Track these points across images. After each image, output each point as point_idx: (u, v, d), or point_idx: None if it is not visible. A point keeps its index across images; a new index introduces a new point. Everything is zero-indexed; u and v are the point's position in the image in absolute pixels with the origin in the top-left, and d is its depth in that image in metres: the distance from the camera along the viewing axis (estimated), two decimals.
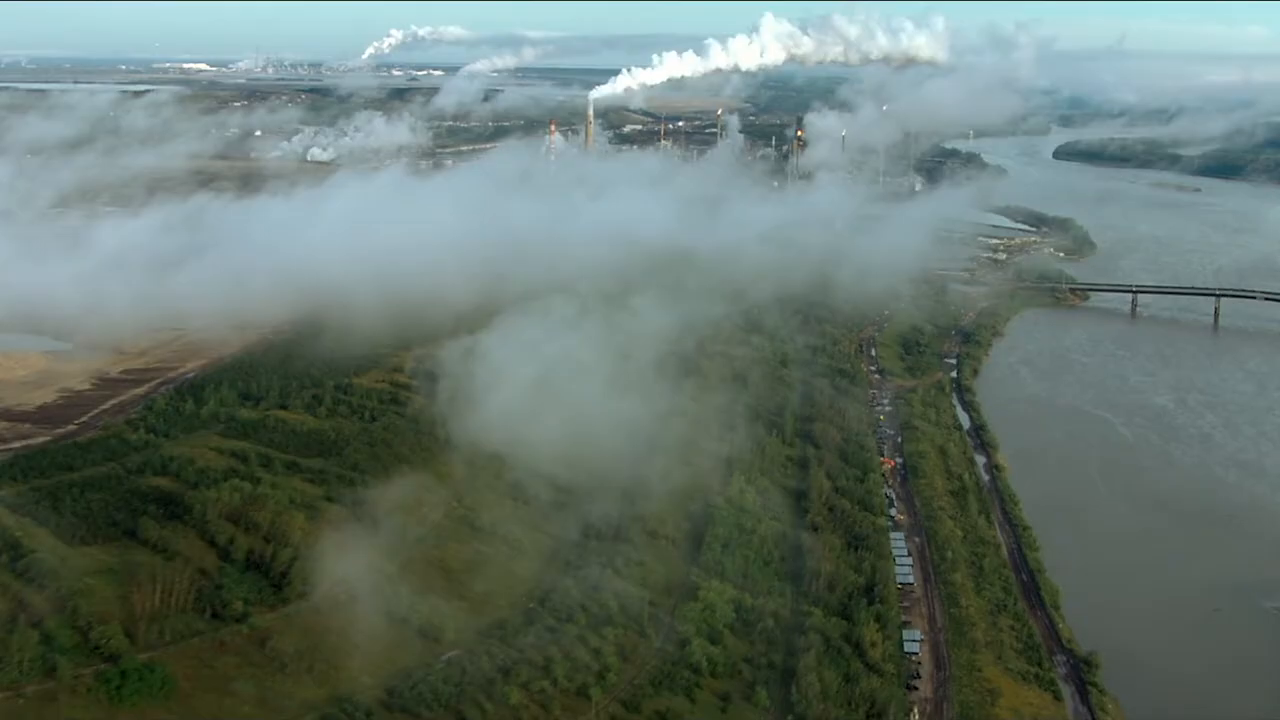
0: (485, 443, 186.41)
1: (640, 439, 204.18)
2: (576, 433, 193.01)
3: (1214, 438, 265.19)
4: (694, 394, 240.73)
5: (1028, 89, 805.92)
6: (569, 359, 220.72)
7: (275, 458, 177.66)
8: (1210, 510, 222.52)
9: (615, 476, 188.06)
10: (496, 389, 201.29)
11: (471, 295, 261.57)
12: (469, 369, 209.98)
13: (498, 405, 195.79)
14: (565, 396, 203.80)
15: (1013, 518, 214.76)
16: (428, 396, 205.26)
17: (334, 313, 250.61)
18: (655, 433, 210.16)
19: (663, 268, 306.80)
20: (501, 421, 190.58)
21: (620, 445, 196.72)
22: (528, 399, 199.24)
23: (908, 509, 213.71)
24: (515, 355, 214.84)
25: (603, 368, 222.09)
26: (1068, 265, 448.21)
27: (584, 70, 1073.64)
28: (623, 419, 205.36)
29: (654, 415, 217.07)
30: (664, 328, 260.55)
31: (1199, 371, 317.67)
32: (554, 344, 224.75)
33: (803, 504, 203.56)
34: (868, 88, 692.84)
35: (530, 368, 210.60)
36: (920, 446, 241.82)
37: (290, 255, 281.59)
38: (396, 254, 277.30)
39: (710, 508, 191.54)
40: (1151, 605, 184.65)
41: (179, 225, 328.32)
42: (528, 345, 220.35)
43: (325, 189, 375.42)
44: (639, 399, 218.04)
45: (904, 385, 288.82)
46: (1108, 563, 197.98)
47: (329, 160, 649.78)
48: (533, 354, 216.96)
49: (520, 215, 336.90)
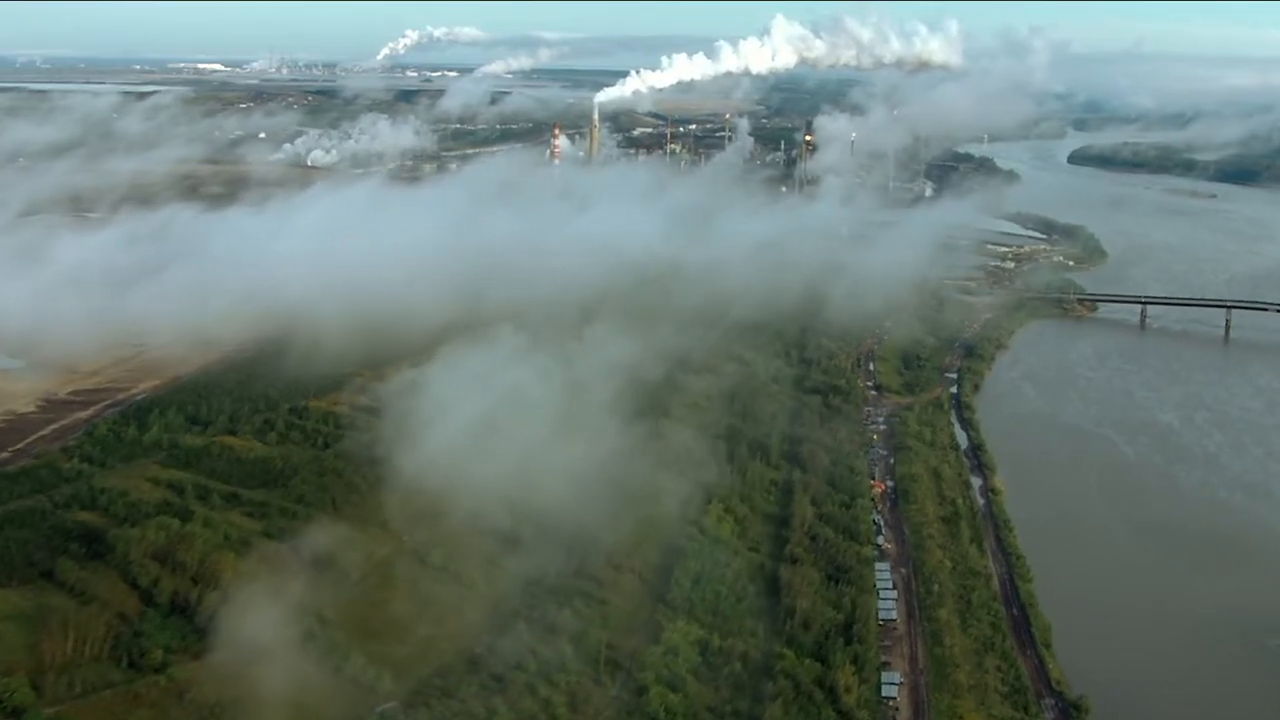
0: (440, 474, 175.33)
1: (611, 466, 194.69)
2: (539, 463, 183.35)
3: (1220, 458, 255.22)
4: (676, 415, 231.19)
5: (1042, 93, 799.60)
6: (532, 385, 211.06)
7: (215, 489, 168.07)
8: (1214, 537, 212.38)
9: (581, 507, 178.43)
10: (454, 417, 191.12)
11: (444, 314, 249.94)
12: (426, 395, 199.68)
13: (455, 434, 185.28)
14: (527, 425, 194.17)
15: (1006, 545, 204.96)
16: (384, 422, 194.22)
17: (302, 331, 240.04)
18: (628, 458, 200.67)
19: (648, 283, 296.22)
20: (458, 452, 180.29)
21: (589, 473, 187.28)
22: (488, 428, 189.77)
23: (896, 537, 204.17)
24: (476, 381, 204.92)
25: (572, 392, 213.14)
26: (1077, 274, 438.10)
27: (599, 72, 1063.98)
28: (593, 444, 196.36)
29: (629, 439, 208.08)
30: (645, 346, 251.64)
31: (1207, 387, 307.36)
32: (518, 368, 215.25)
33: (784, 533, 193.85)
34: (879, 91, 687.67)
35: (491, 394, 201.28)
36: (913, 469, 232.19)
37: (261, 269, 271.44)
38: (370, 269, 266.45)
39: (683, 539, 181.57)
40: (1149, 642, 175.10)
41: (148, 236, 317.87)
42: (491, 369, 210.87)
43: (303, 199, 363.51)
44: (612, 423, 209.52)
45: (901, 402, 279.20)
46: (1104, 595, 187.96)
47: (332, 163, 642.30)
48: (496, 379, 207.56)
49: (503, 228, 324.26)
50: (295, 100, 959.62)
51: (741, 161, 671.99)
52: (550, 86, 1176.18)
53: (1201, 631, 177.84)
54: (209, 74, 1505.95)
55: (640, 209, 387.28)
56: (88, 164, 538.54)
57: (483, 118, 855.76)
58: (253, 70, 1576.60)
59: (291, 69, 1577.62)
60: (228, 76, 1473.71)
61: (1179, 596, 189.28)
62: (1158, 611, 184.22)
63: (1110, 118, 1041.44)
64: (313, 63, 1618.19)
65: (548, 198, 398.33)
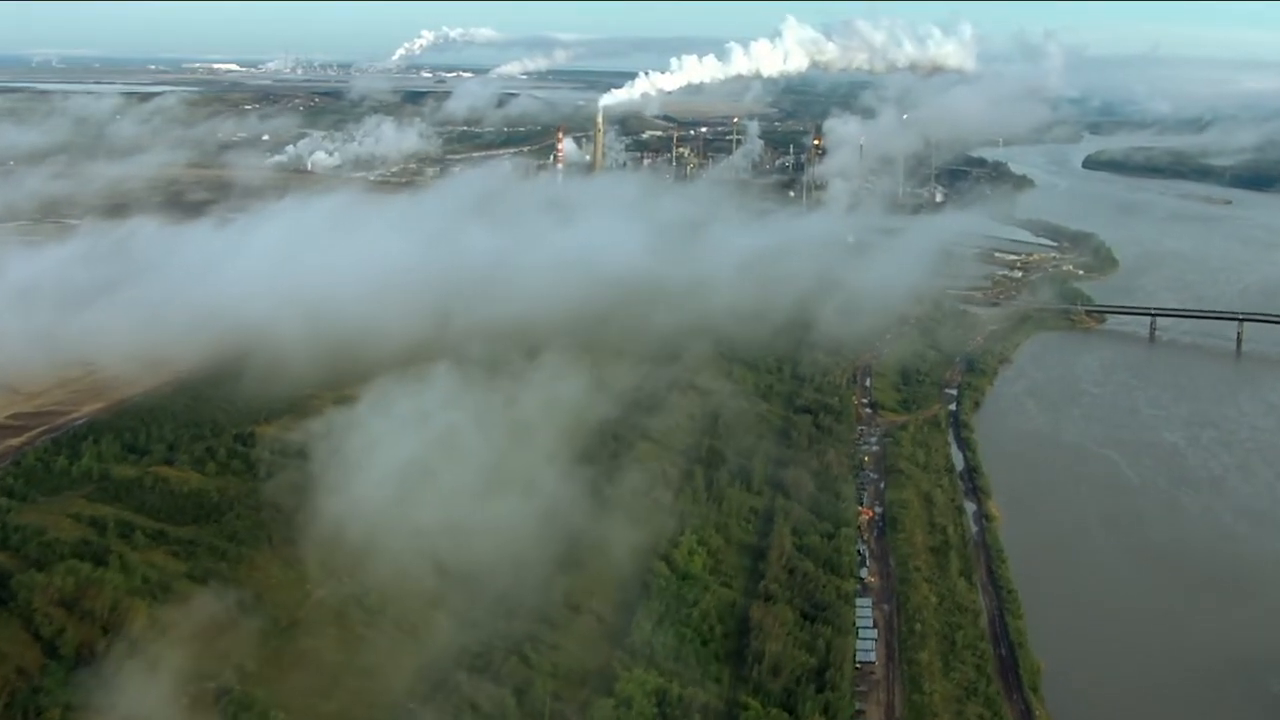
0: (387, 510, 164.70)
1: (577, 496, 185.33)
2: (494, 496, 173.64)
3: (1226, 481, 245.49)
4: (653, 438, 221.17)
5: (1057, 97, 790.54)
6: (496, 409, 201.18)
7: (141, 526, 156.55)
8: (1217, 568, 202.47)
9: (541, 543, 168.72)
10: (401, 448, 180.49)
11: (411, 335, 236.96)
12: (376, 424, 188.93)
13: (403, 467, 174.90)
14: (486, 453, 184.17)
15: (998, 578, 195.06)
16: (329, 453, 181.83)
17: (261, 351, 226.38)
18: (596, 487, 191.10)
19: (630, 299, 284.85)
20: (406, 486, 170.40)
21: (551, 505, 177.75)
22: (439, 459, 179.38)
23: (881, 569, 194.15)
24: (431, 408, 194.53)
25: (536, 419, 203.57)
26: (1087, 284, 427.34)
27: (615, 73, 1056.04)
28: (557, 473, 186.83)
29: (598, 467, 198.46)
30: (622, 366, 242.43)
31: (1216, 404, 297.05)
32: (481, 392, 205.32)
33: (760, 566, 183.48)
34: (891, 94, 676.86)
35: (446, 422, 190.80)
36: (903, 494, 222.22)
37: (225, 285, 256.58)
38: (338, 286, 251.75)
39: (649, 575, 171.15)
40: (1145, 685, 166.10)
41: (110, 248, 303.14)
42: (451, 394, 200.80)
43: (277, 211, 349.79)
44: (580, 449, 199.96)
45: (897, 421, 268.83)
46: (1099, 632, 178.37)
47: (334, 166, 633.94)
48: (454, 405, 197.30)
49: (482, 243, 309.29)
50: (302, 102, 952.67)
51: (750, 165, 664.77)
52: (564, 88, 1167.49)
53: (1202, 673, 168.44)
54: (223, 74, 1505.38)
55: (632, 220, 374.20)
56: (70, 168, 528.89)
57: (489, 120, 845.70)
58: (267, 70, 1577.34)
59: (306, 69, 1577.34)
60: (241, 77, 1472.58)
61: (1179, 634, 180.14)
62: (1155, 651, 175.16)
63: (1126, 122, 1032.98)
64: (328, 63, 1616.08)
65: (533, 209, 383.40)
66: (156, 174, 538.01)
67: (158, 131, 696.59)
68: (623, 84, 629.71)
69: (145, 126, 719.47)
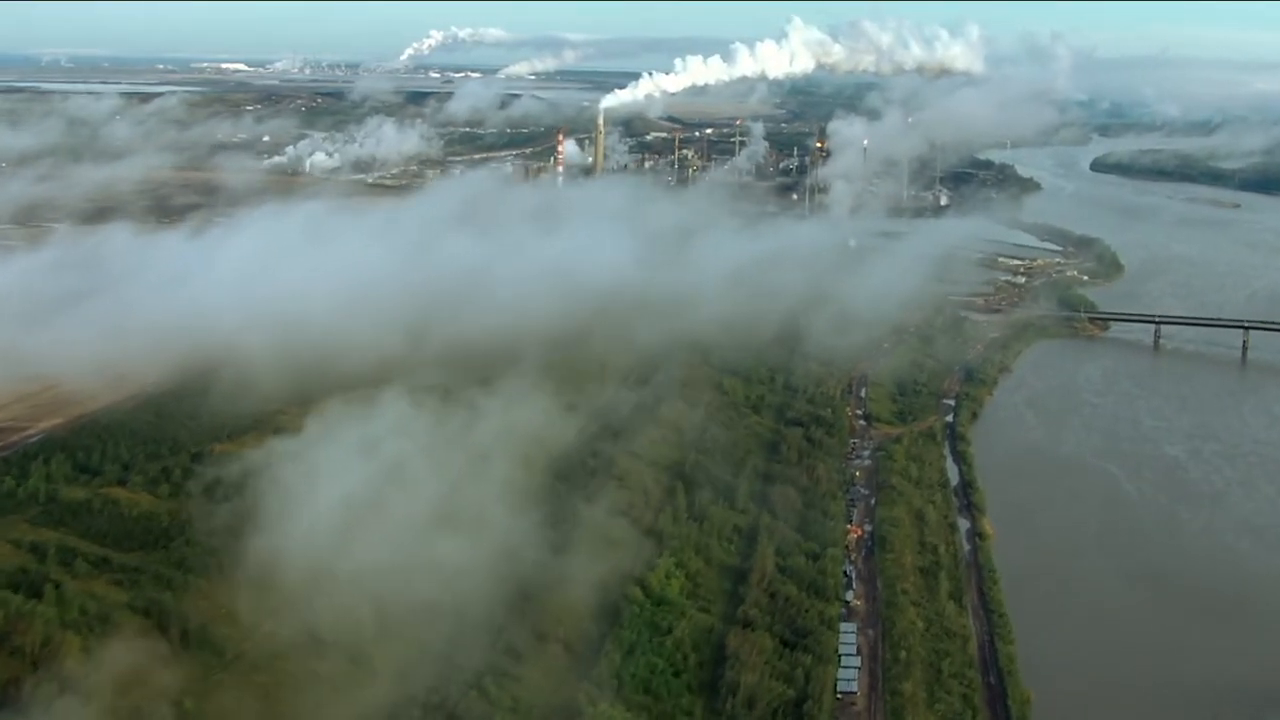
0: (340, 537, 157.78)
1: (550, 515, 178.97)
2: (462, 514, 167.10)
3: (1228, 497, 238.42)
4: (636, 452, 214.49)
5: (1064, 99, 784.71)
6: (460, 433, 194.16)
7: (84, 553, 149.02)
8: (1217, 590, 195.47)
9: (510, 566, 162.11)
10: (365, 470, 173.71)
11: (384, 351, 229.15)
12: (340, 444, 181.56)
13: (363, 491, 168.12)
14: (446, 478, 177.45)
15: (989, 601, 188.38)
16: (288, 474, 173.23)
17: (229, 365, 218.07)
18: (571, 506, 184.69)
19: (616, 309, 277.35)
20: (364, 511, 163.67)
21: (522, 525, 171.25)
22: (402, 481, 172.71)
23: (868, 591, 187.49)
24: (399, 426, 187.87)
25: (511, 433, 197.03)
26: (1091, 289, 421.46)
27: (623, 74, 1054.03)
28: (531, 491, 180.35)
29: (574, 483, 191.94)
30: (605, 378, 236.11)
31: (1219, 415, 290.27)
32: (446, 415, 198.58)
33: (741, 589, 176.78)
34: (898, 96, 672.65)
35: (412, 443, 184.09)
36: (894, 511, 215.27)
37: (196, 296, 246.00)
38: (311, 299, 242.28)
39: (623, 601, 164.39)
40: (1137, 717, 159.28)
41: (81, 256, 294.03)
42: (423, 409, 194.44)
43: (254, 219, 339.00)
44: (556, 465, 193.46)
45: (891, 433, 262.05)
46: (1092, 659, 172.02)
47: (334, 168, 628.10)
48: (419, 425, 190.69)
49: (465, 253, 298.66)
50: (304, 102, 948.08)
51: (754, 168, 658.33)
52: (571, 88, 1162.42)
53: (1200, 704, 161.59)
54: (231, 74, 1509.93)
55: (624, 227, 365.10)
56: (57, 171, 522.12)
57: (491, 122, 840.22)
58: (274, 70, 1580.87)
59: (314, 69, 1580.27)
60: (248, 77, 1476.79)
61: (1174, 660, 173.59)
62: (1151, 679, 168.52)
63: (1135, 124, 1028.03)
64: (335, 63, 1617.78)
65: (522, 216, 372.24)
66: (144, 177, 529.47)
67: (152, 133, 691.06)
68: (629, 85, 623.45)
69: (140, 128, 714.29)
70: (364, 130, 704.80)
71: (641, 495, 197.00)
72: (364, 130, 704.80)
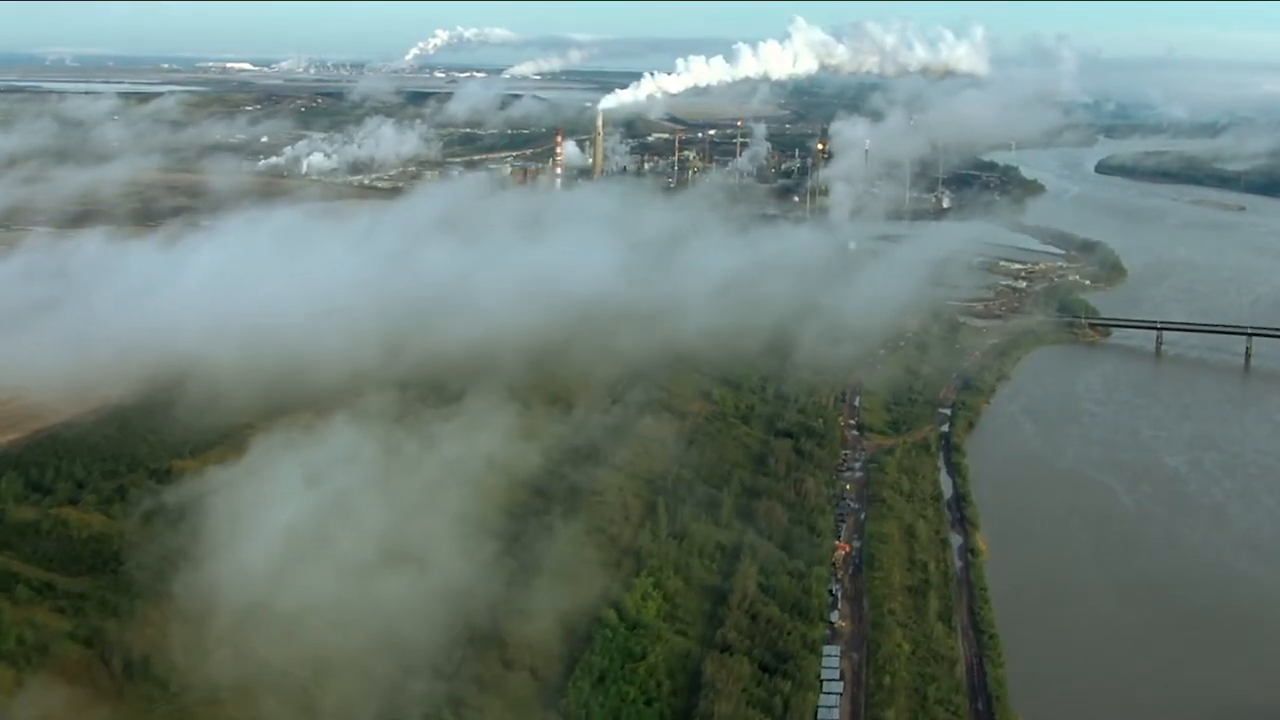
0: (299, 560, 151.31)
1: (525, 531, 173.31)
2: (428, 533, 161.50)
3: (1228, 510, 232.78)
4: (616, 466, 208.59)
5: (1070, 101, 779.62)
6: (433, 449, 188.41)
7: (27, 578, 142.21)
8: (1215, 608, 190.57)
9: (481, 584, 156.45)
10: (330, 489, 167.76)
11: (357, 364, 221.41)
12: (307, 461, 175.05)
13: (325, 511, 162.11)
14: (411, 494, 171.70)
15: (980, 621, 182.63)
16: (244, 495, 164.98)
17: (198, 378, 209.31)
18: (547, 521, 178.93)
19: (601, 316, 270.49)
20: (325, 532, 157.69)
21: (493, 544, 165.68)
22: (367, 499, 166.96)
23: (854, 612, 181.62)
24: (364, 443, 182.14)
25: (487, 448, 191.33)
26: (1093, 294, 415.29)
27: (629, 74, 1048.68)
28: (505, 506, 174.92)
29: (552, 497, 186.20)
30: (585, 389, 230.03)
31: (1221, 424, 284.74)
32: (417, 429, 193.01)
33: (721, 610, 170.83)
34: (901, 97, 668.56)
35: (381, 460, 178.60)
36: (884, 526, 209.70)
37: (166, 306, 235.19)
38: (286, 309, 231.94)
39: (595, 625, 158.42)
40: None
41: (52, 263, 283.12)
42: (387, 431, 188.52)
43: (229, 227, 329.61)
44: (533, 478, 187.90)
45: (884, 444, 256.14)
46: (1085, 682, 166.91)
47: (331, 170, 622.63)
48: (390, 441, 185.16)
49: (445, 263, 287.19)
50: (304, 103, 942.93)
51: (755, 169, 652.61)
52: (577, 88, 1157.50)
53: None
54: (235, 73, 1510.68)
55: (616, 232, 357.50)
56: (41, 173, 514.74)
57: (491, 122, 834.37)
58: (279, 70, 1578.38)
59: (319, 69, 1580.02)
60: (253, 76, 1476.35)
61: (1170, 683, 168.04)
62: (1146, 703, 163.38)
63: (1141, 125, 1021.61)
64: (341, 63, 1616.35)
65: (511, 223, 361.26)
66: (130, 180, 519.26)
67: (145, 135, 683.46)
68: (630, 85, 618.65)
69: (133, 129, 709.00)
70: (363, 131, 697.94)
71: (621, 512, 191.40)
72: (363, 131, 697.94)
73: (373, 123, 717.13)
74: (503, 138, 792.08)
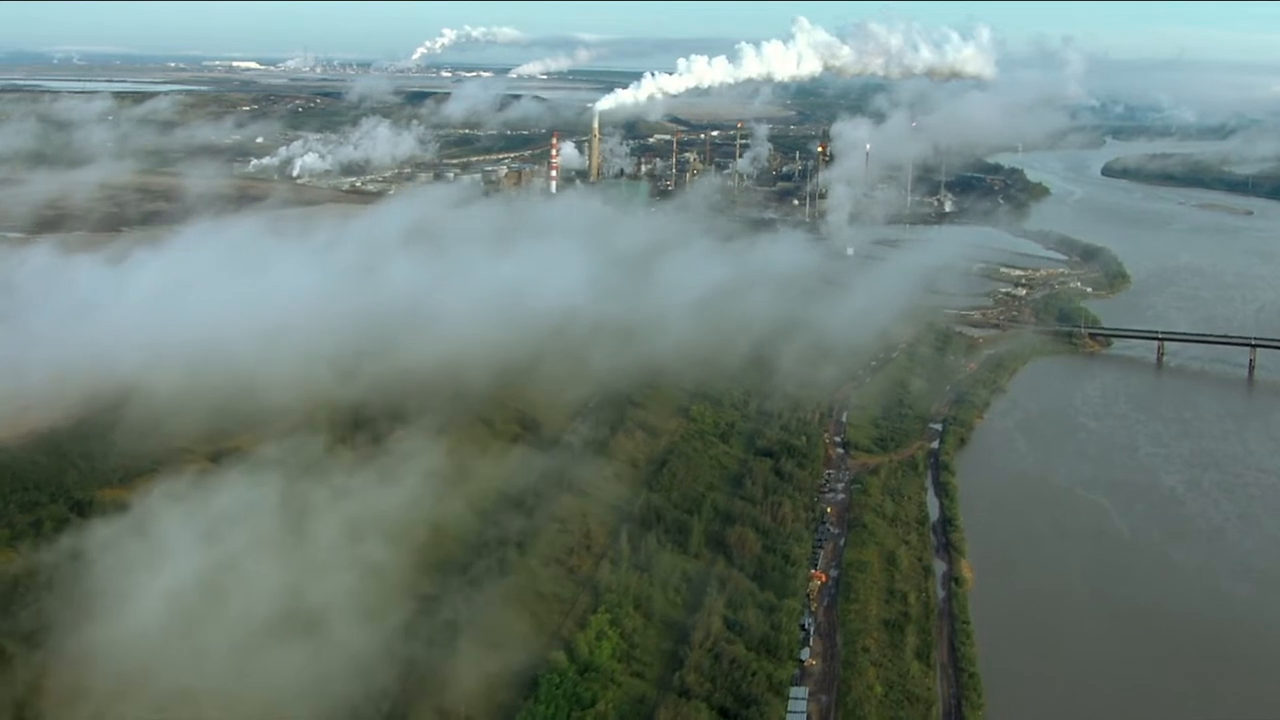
0: (218, 599, 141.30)
1: (475, 563, 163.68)
2: (355, 574, 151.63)
3: (1226, 534, 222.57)
4: (582, 491, 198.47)
5: (1076, 105, 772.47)
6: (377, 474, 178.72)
7: None
8: (1211, 641, 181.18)
9: (417, 628, 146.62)
10: (262, 522, 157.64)
11: (308, 388, 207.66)
12: (233, 495, 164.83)
13: (256, 547, 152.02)
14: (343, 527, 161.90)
15: (960, 657, 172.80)
16: (167, 529, 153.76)
17: (142, 399, 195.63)
18: (500, 552, 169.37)
19: (576, 334, 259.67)
20: (251, 569, 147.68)
21: (438, 579, 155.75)
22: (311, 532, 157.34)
23: (826, 648, 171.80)
24: (295, 476, 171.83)
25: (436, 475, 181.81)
26: (1095, 302, 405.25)
27: (636, 74, 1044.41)
28: (455, 533, 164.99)
29: (509, 524, 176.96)
30: (550, 407, 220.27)
31: (1221, 441, 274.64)
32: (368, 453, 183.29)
33: (683, 649, 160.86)
34: (905, 98, 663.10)
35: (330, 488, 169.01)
36: (863, 554, 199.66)
37: (115, 321, 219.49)
38: (236, 327, 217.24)
39: (543, 670, 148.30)
40: None
41: None
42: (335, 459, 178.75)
43: (191, 238, 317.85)
44: (491, 503, 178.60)
45: (870, 463, 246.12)
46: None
47: (324, 171, 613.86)
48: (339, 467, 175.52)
49: (413, 275, 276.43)
50: (302, 103, 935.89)
51: (756, 172, 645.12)
52: (583, 88, 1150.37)
53: None
54: (241, 72, 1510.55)
55: (600, 242, 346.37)
56: (14, 175, 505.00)
57: (489, 123, 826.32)
58: (285, 69, 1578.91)
59: (325, 68, 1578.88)
60: (258, 75, 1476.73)
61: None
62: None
63: (1149, 127, 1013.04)
64: (347, 61, 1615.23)
65: (485, 235, 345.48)
66: (105, 183, 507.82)
67: (131, 136, 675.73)
68: (630, 86, 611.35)
69: (121, 130, 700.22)
70: (358, 132, 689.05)
71: (583, 540, 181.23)
72: (358, 132, 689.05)
73: (369, 123, 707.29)
74: (501, 139, 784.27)
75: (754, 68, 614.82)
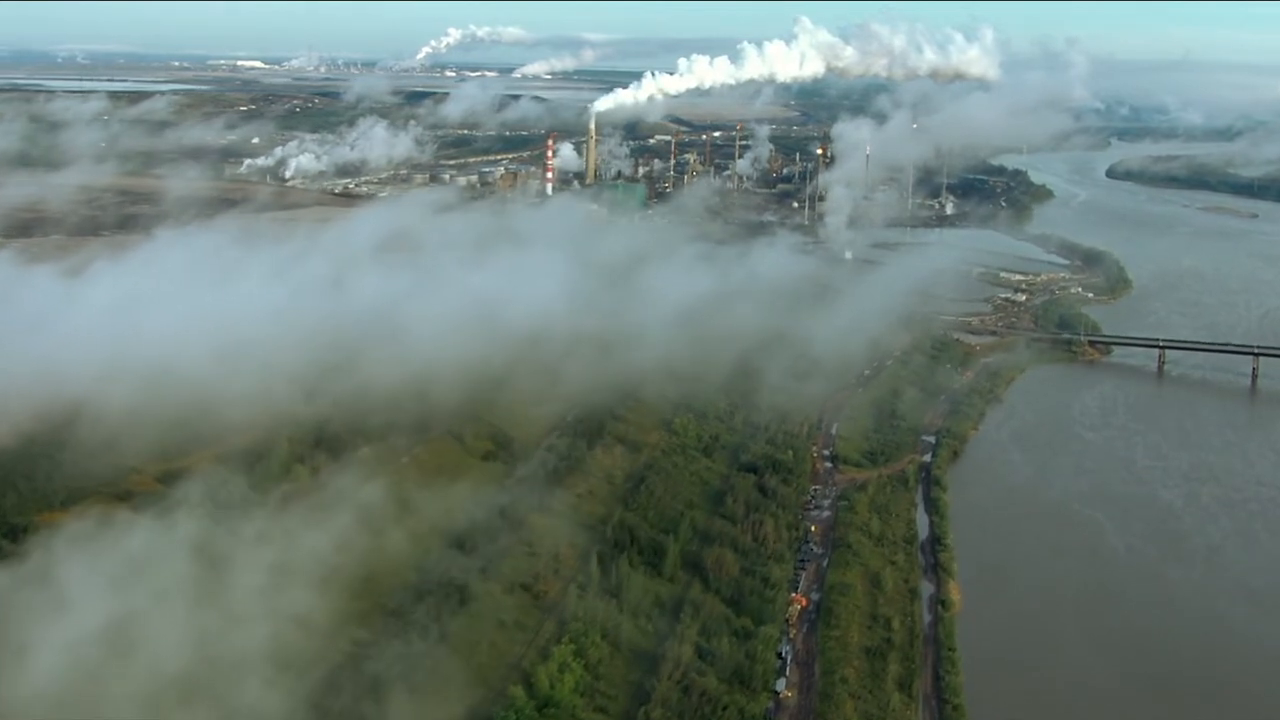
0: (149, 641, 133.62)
1: (436, 591, 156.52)
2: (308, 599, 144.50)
3: (1224, 551, 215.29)
4: (555, 510, 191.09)
5: (1080, 105, 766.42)
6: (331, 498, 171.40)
7: None
8: (1205, 667, 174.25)
9: (364, 657, 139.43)
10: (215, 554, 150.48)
11: (266, 407, 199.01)
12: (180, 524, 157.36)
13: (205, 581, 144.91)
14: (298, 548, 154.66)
15: (945, 688, 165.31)
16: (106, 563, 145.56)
17: (94, 417, 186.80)
18: (465, 579, 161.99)
19: (549, 348, 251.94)
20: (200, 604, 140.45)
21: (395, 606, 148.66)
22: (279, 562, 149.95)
23: (804, 679, 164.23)
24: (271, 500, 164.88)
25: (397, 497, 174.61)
26: (1096, 308, 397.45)
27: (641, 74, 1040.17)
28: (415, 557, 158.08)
29: (475, 548, 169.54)
30: (521, 424, 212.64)
31: (1222, 453, 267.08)
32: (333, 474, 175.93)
33: (651, 682, 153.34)
34: (908, 99, 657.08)
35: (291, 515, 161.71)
36: (847, 575, 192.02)
37: (70, 335, 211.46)
38: (197, 342, 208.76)
39: (499, 707, 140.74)
40: None
41: None
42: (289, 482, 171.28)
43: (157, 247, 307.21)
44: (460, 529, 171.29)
45: (859, 477, 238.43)
46: None
47: (319, 172, 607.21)
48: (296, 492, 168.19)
49: (383, 287, 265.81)
50: (300, 103, 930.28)
51: (757, 173, 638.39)
52: (587, 88, 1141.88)
53: None
54: (244, 71, 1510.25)
55: (590, 248, 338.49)
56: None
57: (487, 124, 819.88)
58: (289, 68, 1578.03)
59: (330, 67, 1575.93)
60: (260, 74, 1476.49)
61: None
62: None
63: (1154, 129, 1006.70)
64: (352, 61, 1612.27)
65: (470, 243, 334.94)
66: (86, 185, 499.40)
67: (122, 137, 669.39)
68: (630, 86, 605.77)
69: (113, 131, 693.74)
70: (355, 132, 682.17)
71: (551, 564, 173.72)
72: (355, 132, 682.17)
73: (365, 124, 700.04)
74: (499, 140, 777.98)
75: (756, 68, 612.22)
